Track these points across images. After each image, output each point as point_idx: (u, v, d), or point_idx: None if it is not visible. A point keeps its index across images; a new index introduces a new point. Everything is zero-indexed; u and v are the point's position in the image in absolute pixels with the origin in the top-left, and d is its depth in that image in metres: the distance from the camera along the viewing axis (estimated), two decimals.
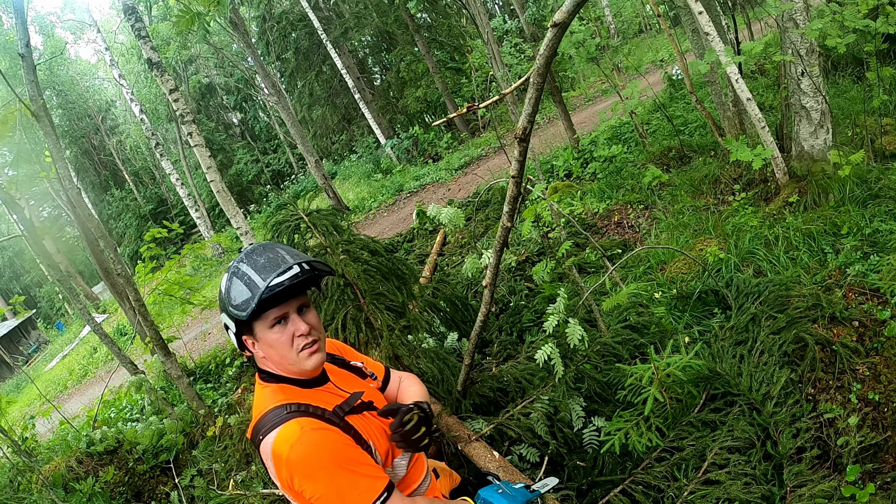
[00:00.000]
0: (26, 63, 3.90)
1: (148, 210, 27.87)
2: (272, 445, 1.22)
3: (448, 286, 3.49)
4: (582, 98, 14.23)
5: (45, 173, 6.82)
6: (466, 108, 1.74)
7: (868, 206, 3.46)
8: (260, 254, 1.28)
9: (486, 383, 2.81)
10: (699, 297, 3.29)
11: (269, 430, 1.24)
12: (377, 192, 13.67)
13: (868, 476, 2.24)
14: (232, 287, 1.27)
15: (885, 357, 2.52)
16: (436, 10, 18.33)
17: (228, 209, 5.66)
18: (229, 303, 1.27)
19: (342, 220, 2.75)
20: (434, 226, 7.38)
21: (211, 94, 27.73)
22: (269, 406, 1.29)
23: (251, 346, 1.33)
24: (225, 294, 1.29)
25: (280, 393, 1.31)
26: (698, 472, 2.21)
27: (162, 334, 4.41)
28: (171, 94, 5.67)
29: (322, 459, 1.20)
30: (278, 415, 1.25)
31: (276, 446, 1.22)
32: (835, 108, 4.60)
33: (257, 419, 1.29)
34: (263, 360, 1.34)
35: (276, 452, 1.21)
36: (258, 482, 3.45)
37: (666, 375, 2.24)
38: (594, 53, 6.55)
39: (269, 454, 1.23)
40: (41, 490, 3.73)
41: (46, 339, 23.71)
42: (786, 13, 3.74)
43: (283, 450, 1.20)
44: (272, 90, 12.70)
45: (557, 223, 5.12)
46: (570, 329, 2.45)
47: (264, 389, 1.35)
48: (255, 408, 1.34)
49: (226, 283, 1.29)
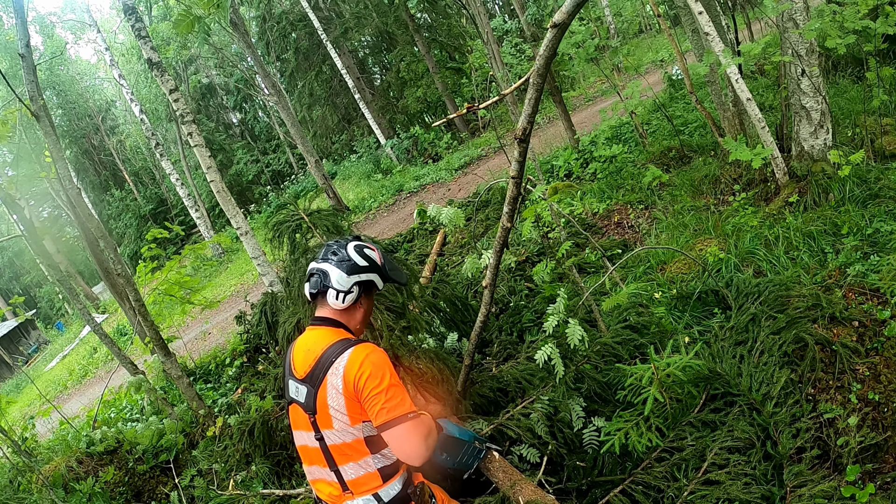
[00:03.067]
0: (26, 63, 3.90)
1: (148, 210, 27.85)
2: (350, 355, 1.60)
3: (448, 286, 3.49)
4: (582, 98, 14.23)
5: (45, 173, 6.82)
6: (466, 108, 1.75)
7: (868, 206, 3.46)
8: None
9: (486, 383, 2.81)
10: (699, 297, 3.29)
11: (344, 349, 1.62)
12: (377, 192, 13.67)
13: (868, 476, 2.24)
14: (386, 261, 1.83)
15: (885, 357, 2.52)
16: (436, 10, 18.31)
17: (228, 209, 5.65)
18: (388, 272, 1.82)
19: (343, 220, 2.75)
20: (434, 226, 7.38)
21: (211, 94, 27.73)
22: (335, 339, 1.67)
23: (360, 301, 1.78)
24: (382, 264, 1.81)
25: (342, 333, 1.73)
26: (698, 472, 2.21)
27: (162, 334, 4.41)
28: (171, 94, 5.67)
29: (388, 366, 1.62)
30: (349, 341, 1.66)
31: (354, 355, 1.60)
32: (835, 108, 4.60)
33: (328, 346, 1.65)
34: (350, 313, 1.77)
35: (352, 358, 1.59)
36: (258, 482, 3.45)
37: (666, 375, 2.24)
38: (594, 54, 6.56)
39: (343, 365, 1.59)
40: (41, 490, 3.73)
41: (46, 340, 23.69)
42: (785, 13, 3.74)
43: (361, 356, 1.60)
44: (272, 90, 12.70)
45: (557, 223, 5.12)
46: (571, 329, 2.45)
47: (323, 329, 1.72)
48: (314, 342, 1.69)
49: (379, 256, 1.81)
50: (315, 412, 1.62)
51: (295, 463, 3.51)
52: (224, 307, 10.31)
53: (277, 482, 3.44)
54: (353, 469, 1.64)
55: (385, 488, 1.65)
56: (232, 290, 12.03)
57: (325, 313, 1.76)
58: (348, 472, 1.64)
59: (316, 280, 1.73)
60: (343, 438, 1.61)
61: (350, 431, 1.60)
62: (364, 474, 1.64)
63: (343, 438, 1.61)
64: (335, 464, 1.64)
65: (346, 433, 1.61)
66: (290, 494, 3.08)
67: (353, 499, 1.65)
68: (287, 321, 2.95)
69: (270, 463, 3.50)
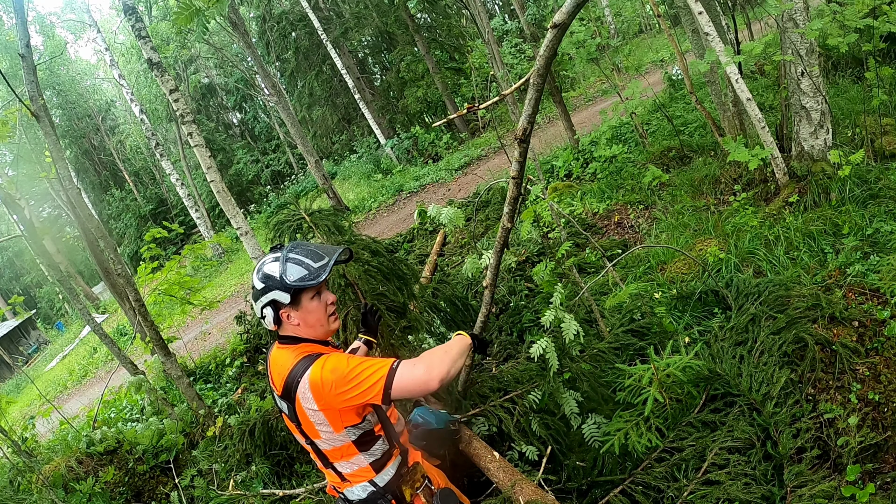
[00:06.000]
0: (26, 63, 3.90)
1: (148, 210, 27.83)
2: (309, 377, 1.56)
3: (448, 286, 3.49)
4: (582, 98, 14.23)
5: (45, 173, 6.83)
6: (466, 108, 1.75)
7: (868, 206, 3.46)
8: (303, 247, 1.68)
9: (486, 383, 2.80)
10: (699, 297, 3.29)
11: (305, 369, 1.58)
12: (377, 192, 13.66)
13: (868, 476, 2.24)
14: (287, 269, 1.63)
15: (885, 357, 2.52)
16: (436, 10, 18.30)
17: (228, 209, 5.65)
18: (285, 280, 1.62)
19: (343, 220, 2.75)
20: (434, 226, 7.39)
21: (211, 94, 27.70)
22: (297, 359, 1.62)
23: (286, 317, 1.66)
24: (280, 275, 1.62)
25: (304, 348, 1.67)
26: (698, 472, 2.21)
27: (162, 334, 4.41)
28: (172, 94, 5.67)
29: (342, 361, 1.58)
30: (308, 359, 1.61)
31: (312, 375, 1.56)
32: (835, 108, 4.60)
33: (291, 368, 1.61)
34: (296, 326, 1.67)
35: (313, 379, 1.56)
36: (258, 482, 3.45)
37: (666, 376, 2.24)
38: (594, 54, 6.56)
39: (307, 386, 1.56)
40: (41, 490, 3.73)
41: (46, 340, 23.69)
42: (786, 13, 3.74)
43: (317, 375, 1.56)
44: (272, 90, 12.70)
45: (557, 223, 5.12)
46: (566, 325, 2.46)
47: (286, 350, 1.67)
48: (280, 365, 1.66)
49: (279, 267, 1.63)
50: (300, 424, 1.67)
51: (295, 463, 3.51)
52: (224, 307, 10.31)
53: (277, 482, 3.44)
54: (346, 465, 1.73)
55: (380, 475, 1.75)
56: (232, 290, 12.03)
57: (284, 331, 1.72)
58: (342, 467, 1.74)
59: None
60: (332, 444, 1.68)
61: (337, 438, 1.66)
62: (357, 469, 1.73)
63: (332, 444, 1.68)
64: (329, 462, 1.74)
65: (333, 440, 1.67)
66: (290, 494, 3.08)
67: (352, 486, 1.76)
68: None
69: (270, 463, 3.50)
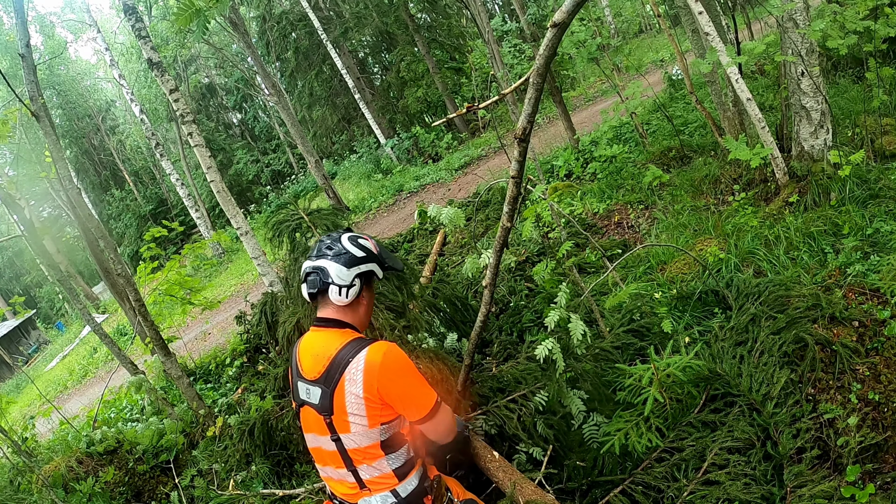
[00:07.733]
0: (26, 63, 3.90)
1: (148, 210, 27.84)
2: (366, 357, 1.55)
3: (448, 286, 3.49)
4: (582, 98, 14.23)
5: (45, 173, 6.82)
6: (466, 108, 1.74)
7: (868, 206, 3.46)
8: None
9: (486, 383, 2.80)
10: (699, 297, 3.29)
11: (358, 350, 1.57)
12: (377, 192, 13.66)
13: (868, 476, 2.24)
14: (382, 251, 1.76)
15: (885, 357, 2.52)
16: (436, 10, 18.31)
17: (228, 209, 5.65)
18: (384, 259, 1.75)
19: (343, 220, 2.75)
20: (434, 226, 7.38)
21: (211, 94, 27.72)
22: (345, 340, 1.62)
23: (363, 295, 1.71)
24: (378, 252, 1.74)
25: (350, 333, 1.67)
26: (698, 472, 2.21)
27: (162, 334, 4.41)
28: (172, 94, 5.67)
29: (406, 360, 1.60)
30: (361, 341, 1.61)
31: (370, 356, 1.55)
32: (835, 108, 4.60)
33: (339, 349, 1.59)
34: (354, 310, 1.70)
35: (370, 361, 1.54)
36: (258, 482, 3.45)
37: (666, 376, 2.24)
38: (595, 53, 6.55)
39: (360, 367, 1.54)
40: (41, 490, 3.73)
41: (46, 340, 23.67)
42: (786, 13, 3.74)
43: (377, 357, 1.55)
44: (272, 90, 12.69)
45: (557, 223, 5.12)
46: (573, 325, 2.44)
47: (329, 332, 1.66)
48: (322, 346, 1.64)
49: (373, 245, 1.74)
50: (331, 413, 1.58)
51: (295, 463, 3.51)
52: (224, 307, 10.31)
53: (277, 482, 3.44)
54: (368, 470, 1.64)
55: (402, 485, 1.66)
56: (232, 290, 12.03)
57: (329, 313, 1.68)
58: (364, 472, 1.64)
59: (314, 279, 1.65)
60: (359, 443, 1.60)
61: (367, 435, 1.59)
62: (379, 475, 1.64)
63: (359, 443, 1.60)
64: (353, 464, 1.64)
65: (363, 437, 1.59)
66: (290, 494, 3.08)
67: (371, 495, 1.65)
68: (287, 321, 2.95)
69: (270, 463, 3.50)
